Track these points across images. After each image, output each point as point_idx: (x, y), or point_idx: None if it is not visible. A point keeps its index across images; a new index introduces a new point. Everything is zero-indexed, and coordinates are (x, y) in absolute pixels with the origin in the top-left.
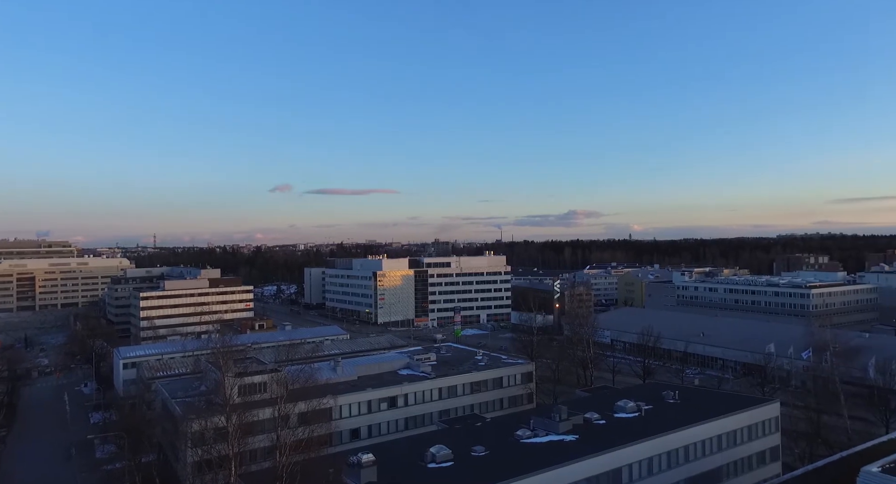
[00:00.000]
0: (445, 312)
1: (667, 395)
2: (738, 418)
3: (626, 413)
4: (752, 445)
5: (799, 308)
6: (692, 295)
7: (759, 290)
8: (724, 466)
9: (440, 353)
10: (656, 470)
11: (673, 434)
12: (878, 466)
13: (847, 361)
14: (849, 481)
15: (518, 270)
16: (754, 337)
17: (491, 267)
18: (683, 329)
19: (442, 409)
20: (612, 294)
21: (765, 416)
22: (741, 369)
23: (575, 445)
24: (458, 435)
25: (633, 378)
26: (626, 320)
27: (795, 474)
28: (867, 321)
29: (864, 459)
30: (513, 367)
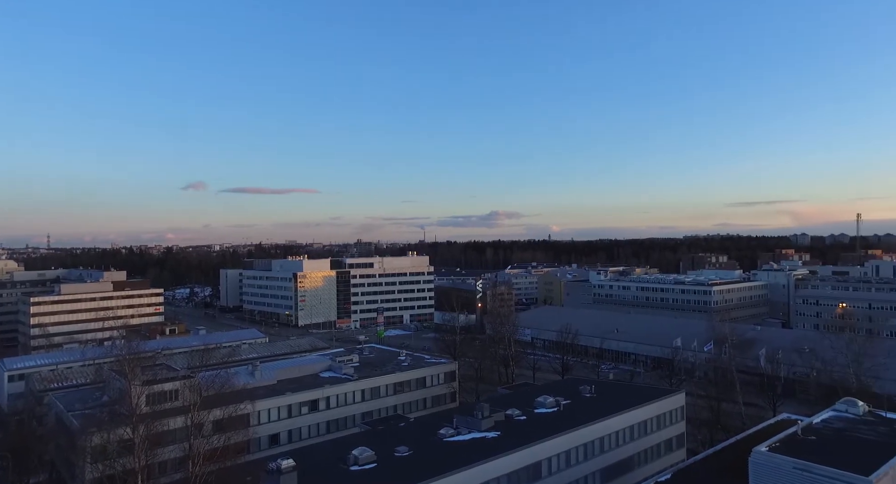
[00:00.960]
0: (368, 313)
1: (584, 389)
2: (648, 409)
3: (545, 408)
4: (660, 433)
5: (702, 304)
6: (607, 293)
7: (667, 288)
8: (635, 455)
9: (363, 354)
10: (574, 462)
11: (589, 427)
12: (766, 446)
13: (742, 353)
14: (743, 461)
15: (441, 271)
16: (663, 332)
17: (414, 267)
18: (599, 326)
19: (365, 410)
20: (532, 293)
21: (672, 406)
22: (651, 363)
23: (497, 441)
24: (381, 436)
25: (552, 374)
26: (546, 319)
27: (697, 458)
28: (759, 315)
29: (756, 440)
30: (436, 366)
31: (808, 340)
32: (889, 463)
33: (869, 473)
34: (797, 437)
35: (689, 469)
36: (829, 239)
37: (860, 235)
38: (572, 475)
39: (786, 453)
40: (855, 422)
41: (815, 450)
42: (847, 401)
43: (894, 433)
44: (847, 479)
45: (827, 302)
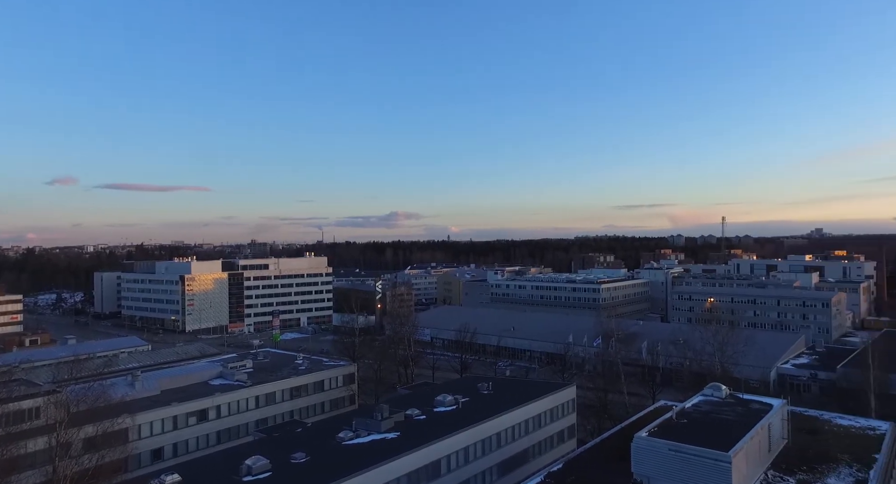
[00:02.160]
0: (263, 316)
1: (482, 387)
2: (541, 403)
3: (444, 407)
4: (553, 425)
5: (591, 302)
6: (504, 292)
7: (560, 286)
8: (530, 448)
9: (257, 359)
10: (472, 458)
11: (487, 423)
12: (646, 432)
13: (627, 346)
14: (626, 447)
15: (340, 272)
16: (557, 329)
17: (312, 268)
18: (497, 325)
19: (260, 417)
20: (432, 293)
21: (564, 399)
22: (545, 359)
23: (396, 442)
24: (276, 443)
25: (451, 373)
26: (445, 318)
27: (586, 447)
28: (641, 311)
29: (638, 426)
30: (334, 369)
31: (682, 332)
32: (744, 438)
33: (728, 449)
34: (672, 421)
35: (578, 458)
36: (700, 240)
37: (725, 237)
38: (471, 471)
39: (662, 437)
40: (719, 404)
41: (686, 432)
42: (713, 386)
43: (749, 412)
44: (711, 455)
45: (698, 297)
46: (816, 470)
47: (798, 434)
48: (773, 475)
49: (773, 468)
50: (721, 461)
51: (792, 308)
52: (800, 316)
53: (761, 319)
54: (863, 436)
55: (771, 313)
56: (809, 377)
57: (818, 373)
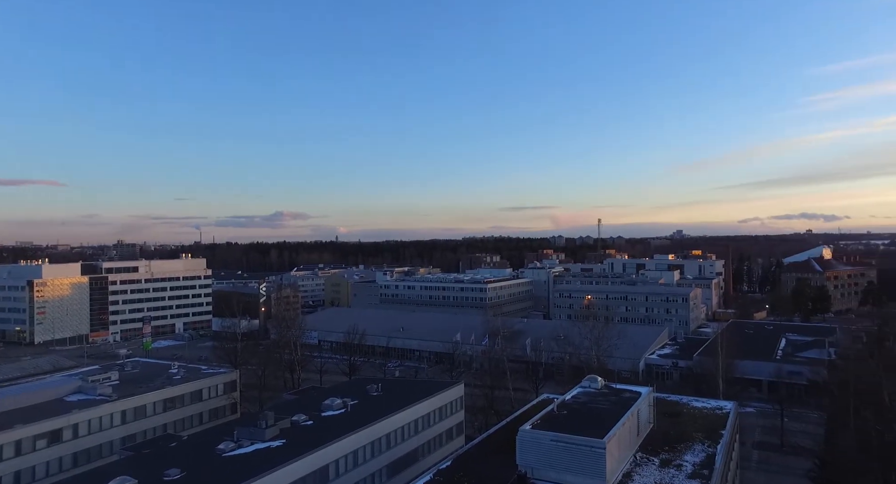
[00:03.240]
0: (132, 323)
1: (371, 388)
2: (431, 402)
3: (333, 411)
4: (442, 424)
5: (479, 301)
6: (393, 293)
7: (449, 286)
8: (419, 447)
9: (125, 370)
10: (361, 461)
11: (376, 425)
12: (530, 424)
13: (512, 343)
14: (512, 440)
15: (220, 274)
16: (445, 328)
17: (188, 271)
18: (386, 325)
19: (126, 434)
20: (319, 295)
21: (452, 397)
22: (434, 358)
23: (282, 450)
24: (146, 461)
25: (340, 376)
26: (334, 320)
27: (474, 443)
28: (525, 309)
29: (523, 420)
30: (214, 377)
31: (563, 328)
32: (616, 425)
33: (603, 436)
34: (553, 413)
35: (466, 454)
36: (579, 240)
37: (601, 238)
38: (360, 474)
39: (545, 428)
40: (595, 395)
41: (566, 422)
42: (590, 378)
43: (621, 401)
44: (588, 443)
45: (577, 295)
46: (676, 449)
47: (662, 418)
48: (641, 457)
49: (642, 450)
50: (596, 447)
51: (657, 303)
52: (664, 310)
53: (632, 314)
54: (713, 415)
55: (640, 309)
56: (671, 366)
57: (678, 361)
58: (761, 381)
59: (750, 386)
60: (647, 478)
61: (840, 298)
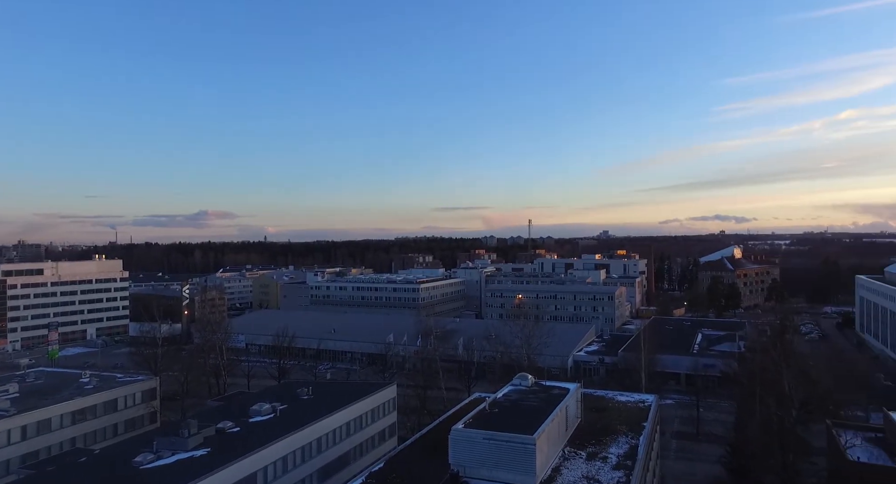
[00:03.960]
0: (36, 330)
1: (301, 392)
2: (362, 404)
3: (261, 416)
4: (375, 426)
5: (411, 301)
6: (325, 294)
7: (381, 286)
8: (351, 450)
9: (27, 381)
10: (291, 467)
11: (306, 429)
12: (462, 423)
13: (445, 343)
14: (445, 439)
15: (139, 276)
16: (378, 329)
17: (102, 273)
18: (317, 327)
19: (28, 451)
20: (247, 297)
21: (385, 398)
22: (367, 359)
23: (206, 459)
24: (51, 479)
25: (269, 380)
26: (262, 322)
27: (407, 444)
28: (458, 309)
29: (455, 419)
30: (131, 385)
31: (494, 327)
32: (546, 421)
33: (533, 432)
34: (485, 411)
35: (399, 455)
36: (510, 240)
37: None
38: (290, 480)
39: (477, 427)
40: (526, 392)
41: (498, 420)
42: (521, 376)
43: (551, 398)
44: (518, 439)
45: (508, 294)
46: (602, 442)
47: (589, 412)
48: (569, 451)
49: (570, 444)
50: (527, 444)
51: (585, 302)
52: (591, 308)
53: (561, 313)
54: (636, 409)
55: (569, 307)
56: (598, 362)
57: (605, 358)
58: (680, 374)
59: (670, 379)
60: (575, 471)
61: (749, 295)
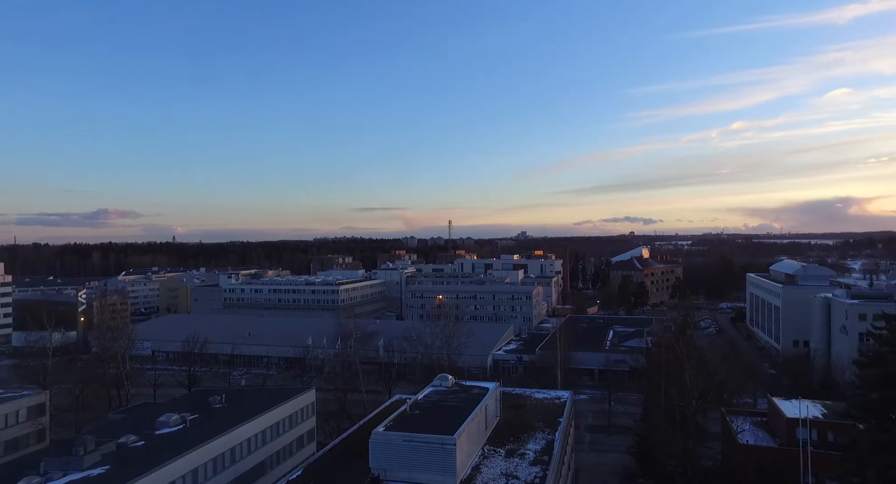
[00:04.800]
0: None
1: (213, 400)
2: (280, 411)
3: (169, 428)
4: (293, 432)
5: (331, 303)
6: (239, 297)
7: (299, 288)
8: (268, 458)
9: None
10: (202, 480)
11: (219, 439)
12: (383, 426)
13: (365, 345)
14: (365, 443)
15: (25, 280)
16: (296, 332)
17: None
18: (231, 332)
19: None
20: (153, 301)
21: (303, 403)
22: (284, 364)
23: (104, 478)
24: None
25: (179, 389)
26: (170, 328)
27: (326, 449)
28: (378, 310)
29: (376, 422)
30: (13, 402)
31: (415, 328)
32: (466, 421)
33: (453, 432)
34: (406, 413)
35: (318, 461)
36: (431, 241)
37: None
38: None
39: (397, 429)
40: (446, 393)
41: (419, 422)
42: (441, 376)
43: (470, 397)
44: (438, 440)
45: (428, 295)
46: (521, 439)
47: (507, 410)
48: (488, 449)
49: (489, 443)
50: (447, 444)
51: (504, 301)
52: (510, 308)
53: (481, 313)
54: (552, 405)
55: (488, 307)
56: (516, 360)
57: (523, 356)
58: (593, 370)
59: (584, 375)
60: (494, 469)
61: (655, 292)
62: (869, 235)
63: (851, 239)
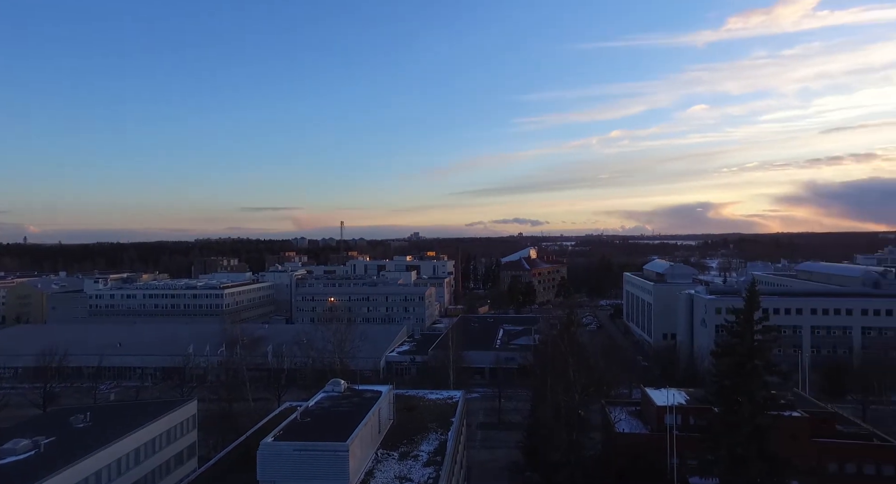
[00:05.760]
0: None
1: (76, 419)
2: (156, 426)
3: (17, 456)
4: (171, 448)
5: (215, 308)
6: (108, 304)
7: (179, 293)
8: (141, 479)
9: None
10: None
11: (81, 464)
12: (272, 436)
13: (252, 351)
14: (254, 455)
15: None
16: (175, 340)
17: None
18: (98, 342)
19: None
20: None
21: (183, 416)
22: (161, 374)
23: None
24: None
25: (31, 409)
26: (21, 341)
27: (209, 465)
28: (267, 314)
29: (265, 432)
30: None
31: (306, 332)
32: (359, 427)
33: (346, 439)
34: (297, 421)
35: (200, 477)
36: (322, 242)
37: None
38: None
39: (288, 439)
40: (339, 399)
41: (311, 430)
42: (333, 382)
43: (363, 402)
44: (332, 448)
45: (320, 297)
46: (414, 441)
47: (401, 413)
48: (382, 453)
49: (383, 447)
50: (340, 451)
51: (397, 303)
52: (402, 309)
53: (374, 314)
54: (445, 405)
55: (381, 308)
56: (410, 361)
57: (416, 357)
58: (484, 368)
59: (476, 374)
60: (388, 472)
61: (543, 291)
62: (724, 237)
63: (710, 240)
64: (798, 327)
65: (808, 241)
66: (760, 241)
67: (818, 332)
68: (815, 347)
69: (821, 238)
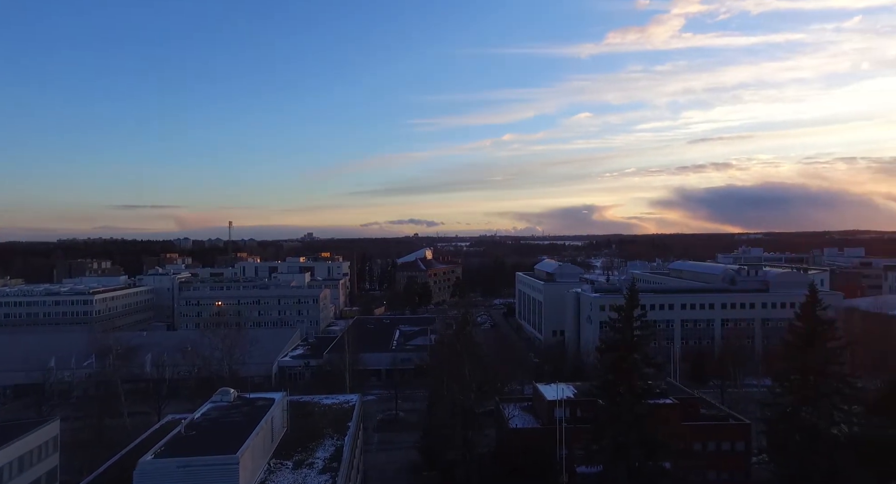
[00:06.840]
0: None
1: None
2: (5, 453)
3: None
4: (25, 476)
5: (83, 315)
6: None
7: (38, 300)
8: None
9: None
10: None
11: None
12: (152, 454)
13: (128, 361)
14: (130, 476)
15: None
16: (32, 354)
17: None
18: None
19: None
20: None
21: (41, 439)
22: (14, 393)
23: None
24: None
25: None
26: None
27: None
28: (146, 320)
29: (144, 449)
30: None
31: (190, 339)
32: (250, 437)
33: (236, 451)
34: (181, 436)
35: None
36: (208, 243)
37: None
38: None
39: (171, 455)
40: (228, 408)
41: (197, 444)
42: (221, 391)
43: (255, 410)
44: (220, 461)
45: (206, 302)
46: (309, 448)
47: (295, 420)
48: (275, 463)
49: (276, 456)
50: (229, 464)
51: (289, 305)
52: (296, 312)
53: (265, 318)
54: (341, 409)
55: (273, 312)
56: (304, 366)
57: (310, 361)
58: (381, 370)
59: (372, 376)
60: (282, 482)
61: (438, 292)
62: (607, 238)
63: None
64: (671, 321)
65: (679, 241)
66: (639, 241)
67: (687, 325)
68: (684, 338)
69: (689, 239)
